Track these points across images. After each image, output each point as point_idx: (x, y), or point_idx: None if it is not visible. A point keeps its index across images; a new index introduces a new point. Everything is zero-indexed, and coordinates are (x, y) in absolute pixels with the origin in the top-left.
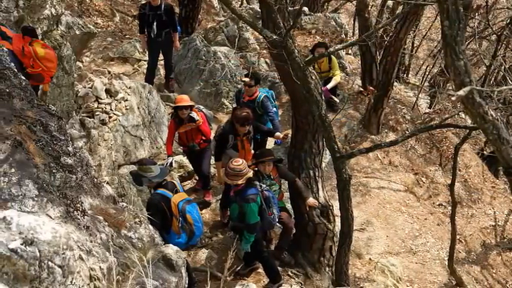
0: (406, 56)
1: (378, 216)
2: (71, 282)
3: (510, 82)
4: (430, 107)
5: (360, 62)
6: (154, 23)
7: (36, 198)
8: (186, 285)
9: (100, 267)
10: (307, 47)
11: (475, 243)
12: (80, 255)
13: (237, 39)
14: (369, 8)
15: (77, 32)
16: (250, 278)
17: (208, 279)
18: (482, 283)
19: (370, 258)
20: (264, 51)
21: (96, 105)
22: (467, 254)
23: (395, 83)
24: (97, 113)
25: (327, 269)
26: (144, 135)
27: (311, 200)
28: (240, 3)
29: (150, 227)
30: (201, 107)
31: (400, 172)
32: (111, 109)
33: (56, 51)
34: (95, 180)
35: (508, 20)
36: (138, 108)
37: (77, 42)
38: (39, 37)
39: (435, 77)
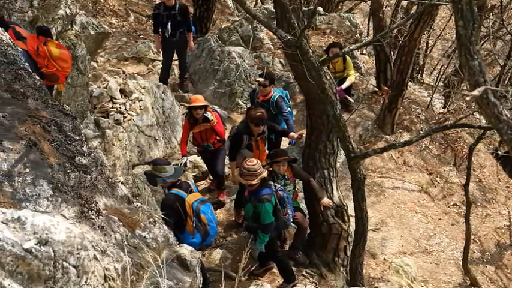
0: (421, 56)
1: (392, 216)
2: (86, 282)
3: None
4: (444, 107)
5: (374, 62)
6: (169, 23)
7: (50, 198)
8: (201, 285)
9: (114, 267)
10: (322, 47)
11: (489, 243)
12: (94, 255)
13: (251, 39)
14: (384, 8)
15: (91, 32)
16: (264, 278)
17: (223, 279)
18: (497, 283)
19: (384, 258)
20: (279, 51)
21: (110, 105)
22: (482, 254)
23: (409, 83)
24: (111, 113)
25: (342, 269)
26: (158, 135)
27: (325, 200)
28: (254, 3)
29: (165, 227)
30: (216, 107)
31: (414, 172)
32: (125, 109)
33: (70, 51)
34: (110, 180)
35: None
36: (153, 108)
37: (91, 42)
38: (54, 37)
39: (449, 77)
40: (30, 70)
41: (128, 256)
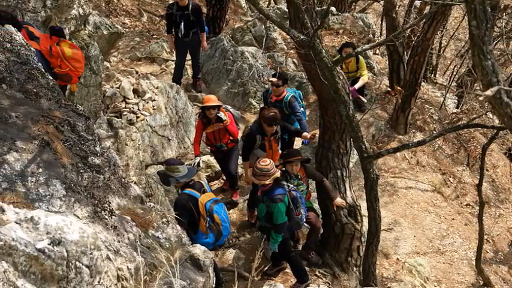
0: (434, 56)
1: (405, 216)
2: (99, 282)
3: None
4: (457, 107)
5: (387, 62)
6: (182, 23)
7: (63, 198)
8: (214, 285)
9: (127, 267)
10: (335, 47)
11: (502, 243)
12: (107, 255)
13: (264, 39)
14: (397, 8)
15: (105, 32)
16: (277, 278)
17: (236, 279)
18: (510, 283)
19: (397, 258)
20: (292, 51)
21: (123, 105)
22: (495, 254)
23: (422, 83)
24: (124, 113)
25: (355, 269)
26: (171, 135)
27: (338, 200)
28: (267, 3)
29: (178, 227)
30: (229, 107)
31: (427, 172)
32: (138, 109)
33: (83, 51)
34: (123, 180)
35: None
36: (166, 108)
37: (104, 42)
38: (67, 37)
39: (463, 77)
40: (43, 70)
41: (141, 256)
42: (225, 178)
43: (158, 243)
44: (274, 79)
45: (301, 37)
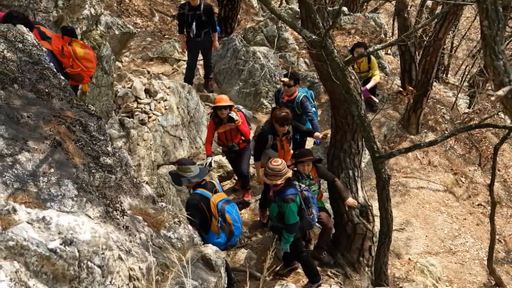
0: (446, 56)
1: (417, 216)
2: (110, 282)
3: None
4: (469, 107)
5: (399, 62)
6: (194, 23)
7: (75, 198)
8: (226, 285)
9: (139, 267)
10: (347, 47)
11: None
12: (119, 255)
13: (276, 39)
14: (408, 8)
15: (116, 32)
16: (289, 278)
17: (248, 279)
18: None
19: (409, 258)
20: (303, 51)
21: (135, 105)
22: (507, 254)
23: (434, 83)
24: (136, 113)
25: (366, 269)
26: (183, 135)
27: (350, 200)
28: (279, 3)
29: (190, 227)
30: (240, 107)
31: (439, 172)
32: (150, 109)
33: (95, 51)
34: (134, 180)
35: None
36: (178, 108)
37: (116, 42)
38: (79, 37)
39: (474, 77)
40: (55, 70)
41: (153, 256)
42: (236, 178)
43: (170, 243)
44: (286, 79)
45: (313, 37)
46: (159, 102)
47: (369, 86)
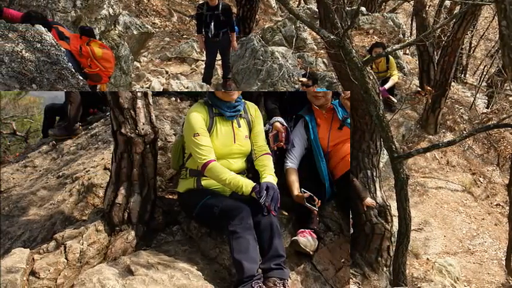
0: (464, 56)
1: (435, 216)
2: None
3: None
4: (487, 107)
5: (417, 62)
6: (212, 23)
7: None
8: None
9: None
10: (365, 47)
11: None
12: None
13: (294, 39)
14: (427, 8)
15: (135, 32)
16: None
17: None
18: None
19: (427, 258)
20: (322, 51)
21: None
22: None
23: (452, 83)
24: None
25: (385, 269)
26: None
27: (369, 200)
28: (297, 3)
29: None
30: None
31: (457, 172)
32: None
33: (113, 51)
34: None
35: None
36: None
37: (134, 42)
38: (97, 37)
39: (493, 77)
40: (73, 70)
41: None
42: None
43: None
44: (304, 79)
45: (331, 37)
46: None
47: (387, 86)
